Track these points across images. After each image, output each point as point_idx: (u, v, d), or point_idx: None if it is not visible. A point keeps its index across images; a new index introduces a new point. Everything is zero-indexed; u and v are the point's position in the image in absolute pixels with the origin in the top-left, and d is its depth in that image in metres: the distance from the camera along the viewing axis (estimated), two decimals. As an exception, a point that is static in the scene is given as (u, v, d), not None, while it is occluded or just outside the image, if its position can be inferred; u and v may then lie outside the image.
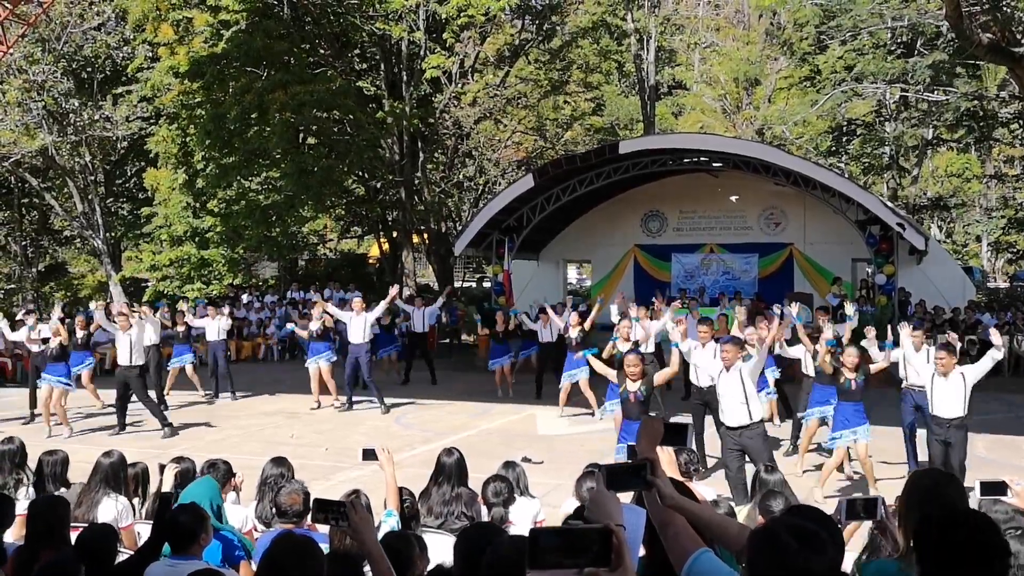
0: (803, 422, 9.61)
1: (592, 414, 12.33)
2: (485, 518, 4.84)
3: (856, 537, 4.13)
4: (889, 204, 20.34)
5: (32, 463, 5.52)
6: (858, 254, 20.44)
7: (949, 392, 7.76)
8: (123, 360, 11.57)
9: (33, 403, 12.77)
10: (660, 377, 8.69)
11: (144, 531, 4.87)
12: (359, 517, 2.59)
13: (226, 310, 15.64)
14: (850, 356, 8.35)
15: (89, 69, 26.75)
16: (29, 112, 25.22)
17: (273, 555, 2.72)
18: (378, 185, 26.07)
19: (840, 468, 8.88)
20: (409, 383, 16.63)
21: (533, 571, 1.73)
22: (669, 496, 2.14)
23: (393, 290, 13.92)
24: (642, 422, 2.43)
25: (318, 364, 13.95)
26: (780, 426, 11.57)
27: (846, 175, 24.99)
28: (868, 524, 3.77)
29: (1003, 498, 3.59)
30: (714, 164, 20.63)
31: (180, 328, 14.94)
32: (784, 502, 4.47)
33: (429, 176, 25.70)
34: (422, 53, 23.01)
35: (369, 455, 4.55)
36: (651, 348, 12.51)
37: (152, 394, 12.27)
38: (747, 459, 7.55)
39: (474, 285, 34.06)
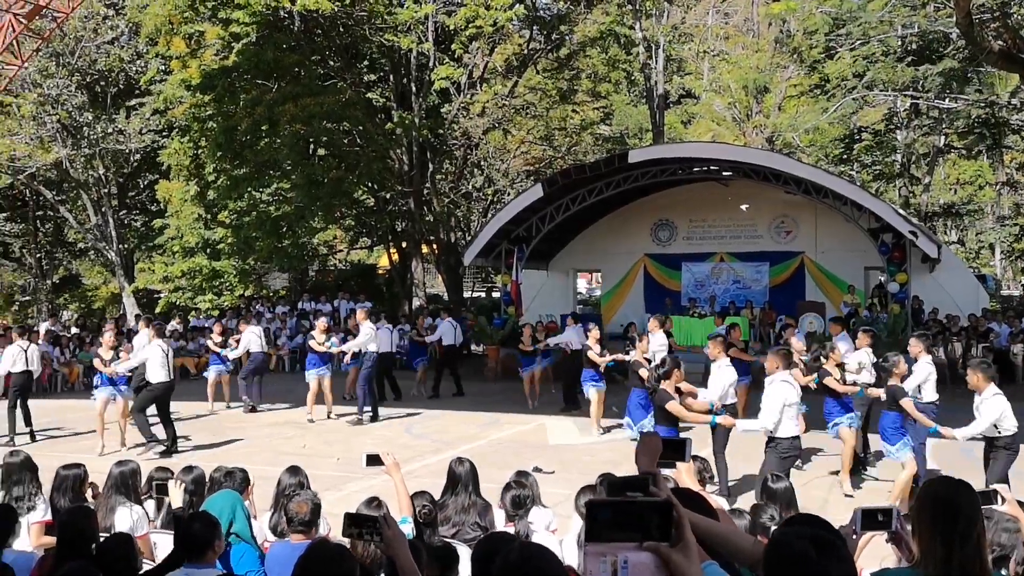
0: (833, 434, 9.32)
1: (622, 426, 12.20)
2: (499, 527, 4.83)
3: (871, 547, 4.10)
4: (901, 212, 20.26)
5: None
6: (870, 262, 20.36)
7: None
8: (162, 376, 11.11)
9: (13, 426, 11.94)
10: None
11: (159, 540, 4.89)
12: (392, 532, 2.57)
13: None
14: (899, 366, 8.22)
15: (103, 83, 26.97)
16: (44, 126, 25.45)
17: (306, 564, 2.71)
18: (387, 196, 26.14)
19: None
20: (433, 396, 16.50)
21: (591, 545, 1.69)
22: None
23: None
24: (641, 438, 2.42)
25: (318, 376, 13.71)
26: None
27: (857, 183, 24.91)
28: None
29: (995, 506, 3.85)
30: (724, 173, 20.62)
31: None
32: (777, 513, 4.44)
33: (438, 186, 25.75)
34: (431, 64, 23.10)
35: (373, 461, 4.49)
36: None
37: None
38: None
39: (483, 295, 34.08)
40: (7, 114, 25.46)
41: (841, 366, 9.20)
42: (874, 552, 4.10)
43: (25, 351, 12.22)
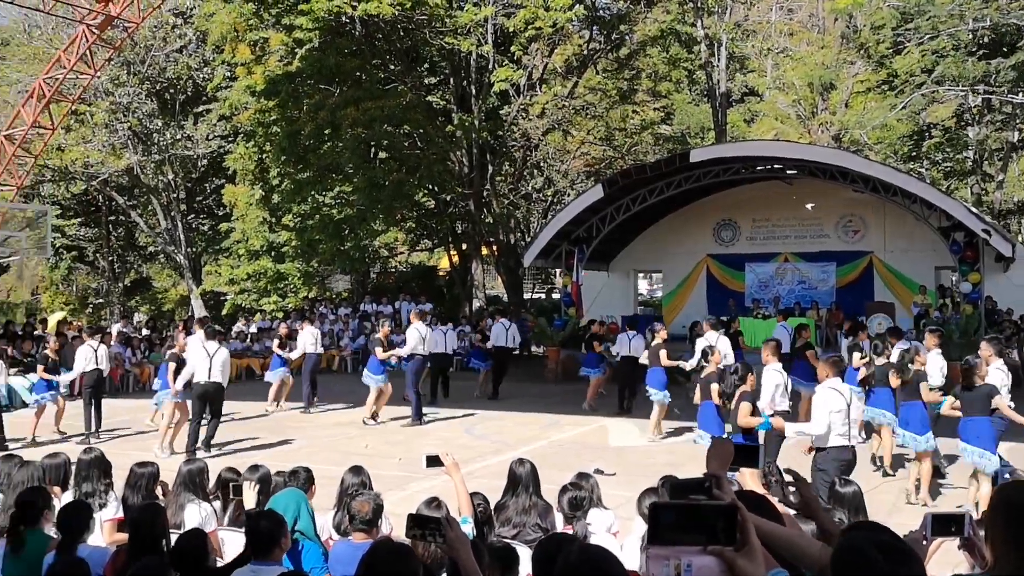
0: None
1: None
2: (560, 528, 4.81)
3: (943, 553, 3.98)
4: (974, 210, 19.63)
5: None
6: (941, 262, 19.79)
7: None
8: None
9: (89, 423, 12.25)
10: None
11: (226, 537, 4.99)
12: (455, 533, 2.59)
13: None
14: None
15: (171, 90, 27.73)
16: (115, 133, 26.30)
17: (373, 561, 2.74)
18: (448, 198, 26.31)
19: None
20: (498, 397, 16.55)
21: (654, 547, 1.68)
22: None
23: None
24: (712, 443, 2.40)
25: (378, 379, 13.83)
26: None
27: (927, 180, 24.23)
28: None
29: None
30: (788, 172, 20.24)
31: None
32: (846, 517, 4.32)
33: (498, 188, 25.82)
34: (490, 66, 23.19)
35: (433, 462, 4.52)
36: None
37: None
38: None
39: (543, 296, 34.05)
40: (81, 122, 26.35)
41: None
42: (946, 559, 3.98)
43: (95, 350, 12.54)
